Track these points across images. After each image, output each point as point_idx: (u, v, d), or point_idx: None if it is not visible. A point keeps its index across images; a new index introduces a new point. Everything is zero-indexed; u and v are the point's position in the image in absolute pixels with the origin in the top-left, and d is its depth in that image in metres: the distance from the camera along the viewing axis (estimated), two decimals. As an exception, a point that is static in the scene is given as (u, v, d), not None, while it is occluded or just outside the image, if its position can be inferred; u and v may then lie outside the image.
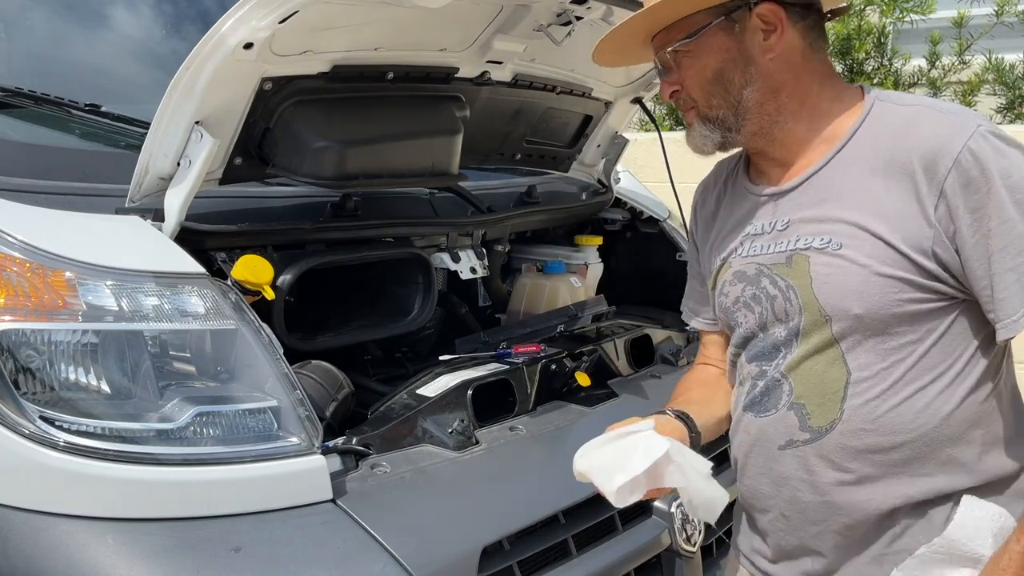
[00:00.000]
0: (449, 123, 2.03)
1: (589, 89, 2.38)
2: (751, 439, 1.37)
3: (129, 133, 1.89)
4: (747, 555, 1.45)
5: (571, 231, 2.71)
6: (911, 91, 4.87)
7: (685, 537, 1.72)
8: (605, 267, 2.66)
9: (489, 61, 2.04)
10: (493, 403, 1.85)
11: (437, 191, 2.29)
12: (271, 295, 1.68)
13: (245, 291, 1.61)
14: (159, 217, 1.60)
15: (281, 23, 1.48)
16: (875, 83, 4.84)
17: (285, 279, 1.77)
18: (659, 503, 1.73)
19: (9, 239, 1.42)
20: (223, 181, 1.79)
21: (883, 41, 4.87)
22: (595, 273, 2.62)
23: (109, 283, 1.43)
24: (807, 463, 1.29)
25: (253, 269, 1.65)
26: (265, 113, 1.73)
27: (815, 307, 1.26)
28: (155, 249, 1.53)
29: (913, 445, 1.24)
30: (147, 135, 1.58)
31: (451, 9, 1.60)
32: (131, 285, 1.45)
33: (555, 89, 2.29)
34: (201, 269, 1.52)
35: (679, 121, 5.53)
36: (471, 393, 1.78)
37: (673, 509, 1.72)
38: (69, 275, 1.41)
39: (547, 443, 1.80)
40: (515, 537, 1.52)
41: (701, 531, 1.75)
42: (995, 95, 4.74)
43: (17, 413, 1.32)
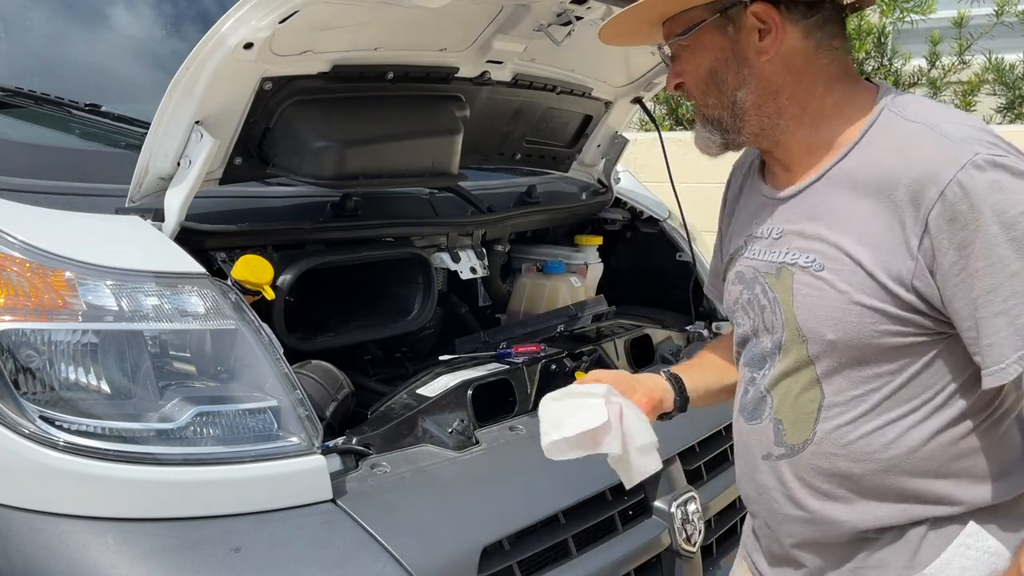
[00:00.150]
0: (449, 123, 2.03)
1: (589, 89, 2.38)
2: (740, 443, 1.37)
3: (129, 133, 1.89)
4: (749, 552, 1.46)
5: (571, 231, 2.70)
6: (911, 91, 4.87)
7: (685, 537, 1.71)
8: (605, 267, 2.66)
9: (489, 61, 2.04)
10: (493, 403, 1.85)
11: (437, 191, 2.29)
12: (271, 295, 1.68)
13: (245, 291, 1.61)
14: (159, 217, 1.60)
15: (281, 23, 1.48)
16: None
17: (285, 279, 1.77)
18: (659, 503, 1.73)
19: (9, 239, 1.42)
20: (223, 181, 1.79)
21: (883, 41, 4.87)
22: (595, 273, 2.62)
23: (109, 283, 1.43)
24: (782, 477, 1.29)
25: (253, 269, 1.65)
26: (265, 113, 1.73)
27: (794, 325, 1.23)
28: (155, 249, 1.53)
29: (884, 475, 1.20)
30: (147, 135, 1.58)
31: (451, 9, 1.60)
32: (131, 285, 1.45)
33: (555, 89, 2.29)
34: (201, 269, 1.52)
35: (679, 121, 5.53)
36: (471, 393, 1.78)
37: (673, 509, 1.72)
38: (69, 275, 1.41)
39: (547, 443, 1.80)
40: (515, 537, 1.52)
41: (701, 531, 1.75)
42: (995, 95, 4.75)
43: (17, 413, 1.32)
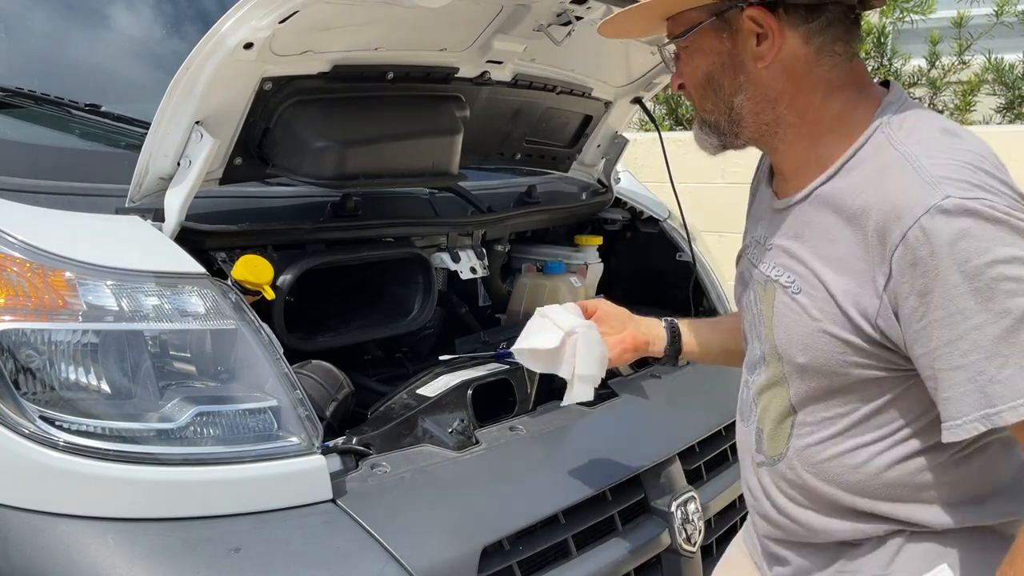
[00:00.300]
0: (449, 123, 2.03)
1: (589, 89, 2.38)
2: (738, 440, 1.40)
3: (129, 133, 1.89)
4: (747, 545, 1.47)
5: (571, 231, 2.70)
6: (911, 91, 4.87)
7: (685, 537, 1.71)
8: (605, 267, 2.66)
9: (489, 61, 2.03)
10: (493, 403, 1.85)
11: (437, 191, 2.29)
12: (271, 295, 1.68)
13: (245, 291, 1.61)
14: (159, 217, 1.60)
15: (281, 23, 1.48)
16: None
17: (285, 279, 1.77)
18: (659, 503, 1.73)
19: (9, 239, 1.42)
20: (223, 181, 1.79)
21: (883, 41, 4.87)
22: (595, 273, 2.62)
23: (109, 283, 1.43)
24: (763, 481, 1.33)
25: (253, 269, 1.65)
26: (265, 113, 1.73)
27: (772, 341, 1.23)
28: (155, 249, 1.53)
29: (854, 496, 1.20)
30: (147, 135, 1.57)
31: (451, 9, 1.60)
32: (131, 285, 1.45)
33: (555, 89, 2.29)
34: (201, 269, 1.52)
35: (679, 121, 5.53)
36: (471, 393, 1.78)
37: (673, 509, 1.72)
38: (69, 275, 1.41)
39: (547, 443, 1.80)
40: (515, 537, 1.52)
41: (701, 531, 1.75)
42: (995, 95, 4.75)
43: (17, 413, 1.32)
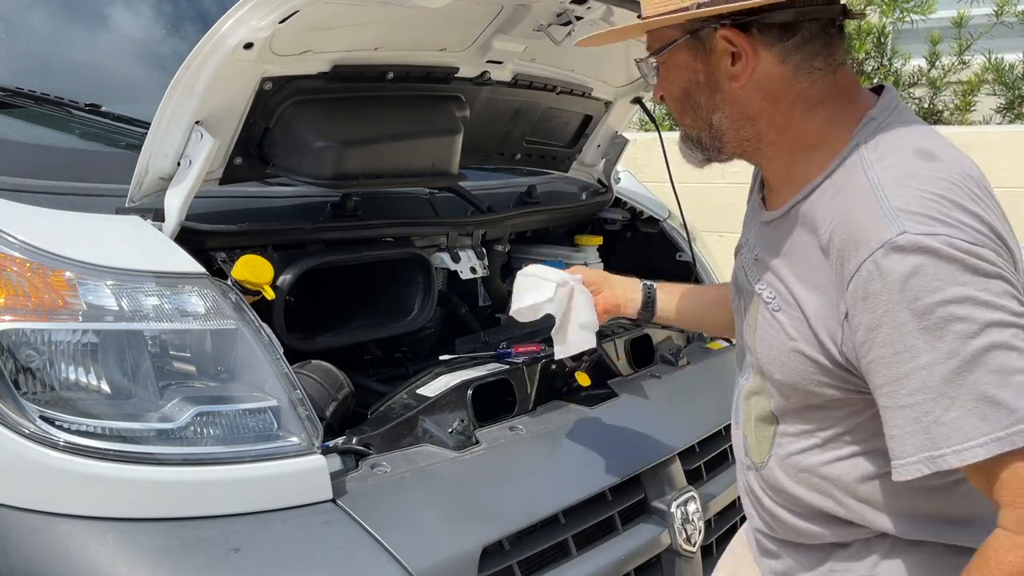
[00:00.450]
0: (449, 123, 2.03)
1: (589, 89, 2.38)
2: (733, 443, 1.42)
3: (129, 133, 1.89)
4: (748, 539, 1.48)
5: (571, 231, 2.71)
6: (911, 91, 4.87)
7: (685, 537, 1.71)
8: (605, 267, 2.65)
9: (489, 61, 2.04)
10: (493, 403, 1.85)
11: (437, 191, 2.29)
12: (271, 295, 1.68)
13: (245, 291, 1.61)
14: (159, 217, 1.60)
15: (281, 23, 1.48)
16: (875, 84, 4.82)
17: (285, 279, 1.77)
18: (659, 503, 1.73)
19: (9, 239, 1.42)
20: (223, 181, 1.79)
21: (883, 41, 4.87)
22: (595, 273, 2.62)
23: (109, 283, 1.43)
24: (750, 484, 1.35)
25: (253, 269, 1.65)
26: (265, 113, 1.73)
27: (756, 353, 1.25)
28: (155, 249, 1.53)
29: (836, 504, 1.21)
30: (147, 135, 1.57)
31: (451, 9, 1.60)
32: (131, 285, 1.45)
33: (555, 89, 2.29)
34: (201, 269, 1.52)
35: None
36: (471, 393, 1.78)
37: (673, 509, 1.72)
38: (69, 275, 1.41)
39: (547, 443, 1.79)
40: (515, 537, 1.52)
41: (701, 531, 1.75)
42: (995, 95, 4.75)
43: (17, 413, 1.32)
